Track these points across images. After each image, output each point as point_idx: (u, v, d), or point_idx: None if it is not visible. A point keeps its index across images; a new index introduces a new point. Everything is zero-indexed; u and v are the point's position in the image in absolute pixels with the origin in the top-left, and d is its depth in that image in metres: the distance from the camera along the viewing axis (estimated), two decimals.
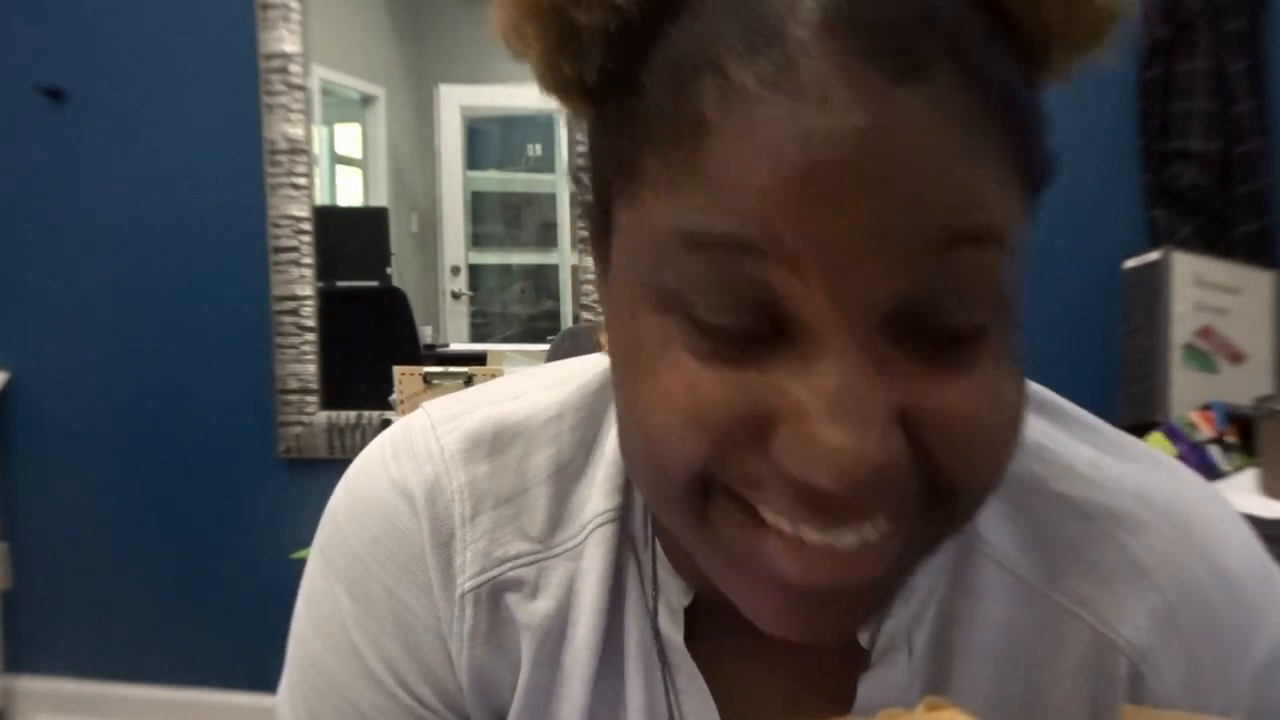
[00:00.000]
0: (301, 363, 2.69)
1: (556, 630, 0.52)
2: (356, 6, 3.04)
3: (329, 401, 2.70)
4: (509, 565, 0.52)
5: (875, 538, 0.38)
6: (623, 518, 0.52)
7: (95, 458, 2.80)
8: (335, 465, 0.58)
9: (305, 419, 2.69)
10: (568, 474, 0.53)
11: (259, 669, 2.69)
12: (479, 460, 0.53)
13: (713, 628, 0.52)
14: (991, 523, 0.50)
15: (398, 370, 2.31)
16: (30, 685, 2.84)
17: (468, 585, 0.51)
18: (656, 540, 0.52)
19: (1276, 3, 2.17)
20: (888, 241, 0.34)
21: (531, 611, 0.52)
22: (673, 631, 0.51)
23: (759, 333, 0.36)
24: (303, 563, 0.59)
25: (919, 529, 0.39)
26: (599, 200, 0.42)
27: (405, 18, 3.11)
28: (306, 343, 2.69)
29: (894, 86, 0.34)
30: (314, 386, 2.69)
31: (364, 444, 0.58)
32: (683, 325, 0.37)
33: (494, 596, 0.52)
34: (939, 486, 0.38)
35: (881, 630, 0.49)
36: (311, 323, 2.68)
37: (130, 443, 2.77)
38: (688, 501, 0.39)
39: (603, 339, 0.45)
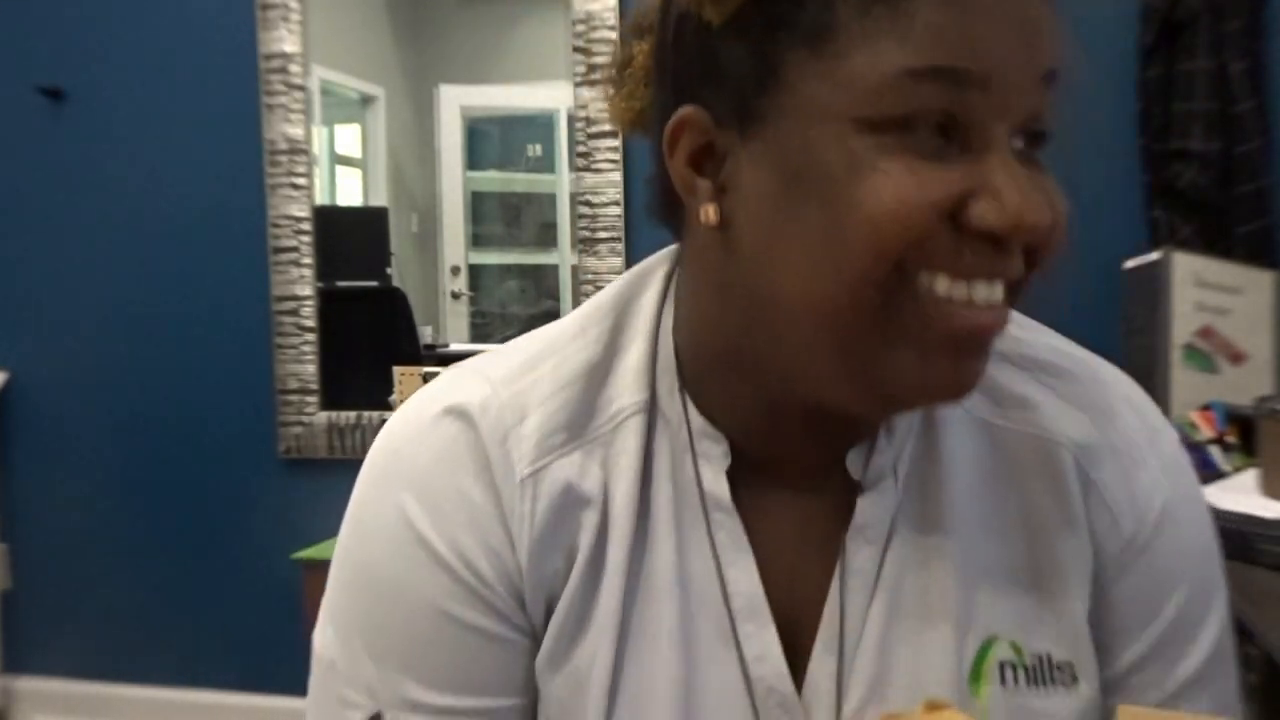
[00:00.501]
0: (301, 363, 2.69)
1: (599, 505, 0.61)
2: (356, 6, 3.04)
3: (329, 401, 2.70)
4: (556, 454, 0.61)
5: (1002, 297, 0.53)
6: (650, 409, 0.62)
7: (95, 458, 2.80)
8: (335, 465, 0.58)
9: (305, 419, 2.69)
10: (595, 376, 0.62)
11: (258, 670, 2.69)
12: (519, 378, 0.62)
13: (740, 479, 0.61)
14: None
15: (398, 370, 2.32)
16: (30, 685, 2.84)
17: (525, 471, 0.60)
18: (694, 412, 0.62)
19: (1276, 3, 2.17)
20: (1036, 74, 0.51)
21: (583, 490, 0.60)
22: (718, 487, 0.61)
23: (949, 143, 0.50)
24: (303, 563, 0.60)
25: (1009, 300, 0.54)
26: (762, 56, 0.52)
27: (405, 18, 3.11)
28: (306, 343, 2.69)
29: None
30: (314, 386, 2.69)
31: (364, 444, 0.59)
32: (899, 138, 0.50)
33: (549, 480, 0.60)
34: (1029, 260, 0.53)
35: (870, 464, 0.62)
36: (311, 323, 2.68)
37: (130, 443, 2.78)
38: (877, 288, 0.51)
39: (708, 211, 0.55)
